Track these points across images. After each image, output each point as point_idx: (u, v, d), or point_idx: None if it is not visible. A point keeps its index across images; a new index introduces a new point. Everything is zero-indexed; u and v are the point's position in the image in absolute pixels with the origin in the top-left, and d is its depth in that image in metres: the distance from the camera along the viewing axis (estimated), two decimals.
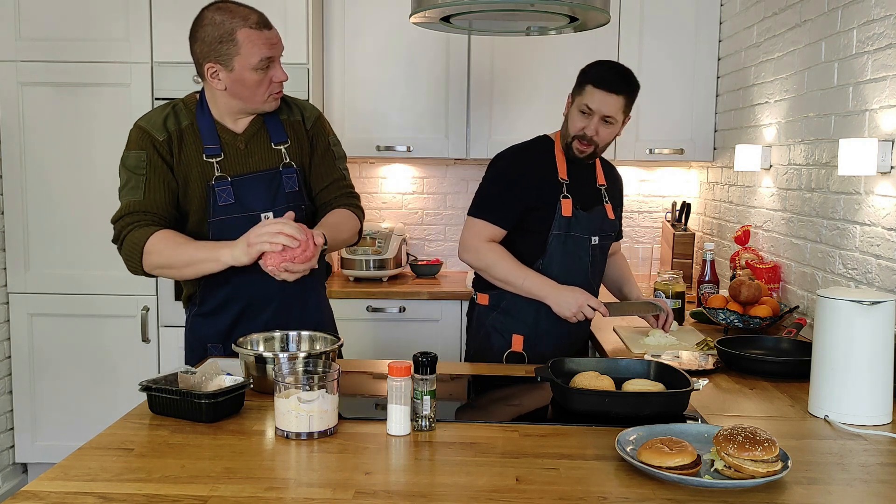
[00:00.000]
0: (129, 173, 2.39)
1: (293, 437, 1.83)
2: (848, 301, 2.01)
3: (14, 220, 3.99)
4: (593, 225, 2.88)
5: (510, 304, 2.88)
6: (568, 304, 2.75)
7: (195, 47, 2.39)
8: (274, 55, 2.38)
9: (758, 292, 3.02)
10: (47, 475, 1.61)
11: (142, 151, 2.38)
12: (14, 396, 4.08)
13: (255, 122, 2.48)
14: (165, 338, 4.03)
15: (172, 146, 2.39)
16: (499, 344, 2.90)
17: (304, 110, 2.58)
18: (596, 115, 2.75)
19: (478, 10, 2.44)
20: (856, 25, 2.76)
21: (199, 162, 2.40)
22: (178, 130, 2.40)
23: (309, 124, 2.57)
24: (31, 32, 3.89)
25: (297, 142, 2.53)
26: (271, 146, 2.48)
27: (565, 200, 2.80)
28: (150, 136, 2.38)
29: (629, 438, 1.78)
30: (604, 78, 2.74)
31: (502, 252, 2.82)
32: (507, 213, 2.83)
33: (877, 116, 2.62)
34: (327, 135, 2.61)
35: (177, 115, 2.43)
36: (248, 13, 2.36)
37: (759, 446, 1.61)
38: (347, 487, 1.57)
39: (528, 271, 2.80)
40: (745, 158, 3.57)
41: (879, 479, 1.67)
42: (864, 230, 2.70)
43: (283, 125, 2.51)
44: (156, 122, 2.41)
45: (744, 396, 2.27)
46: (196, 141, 2.41)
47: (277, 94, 2.44)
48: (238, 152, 2.44)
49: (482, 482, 1.60)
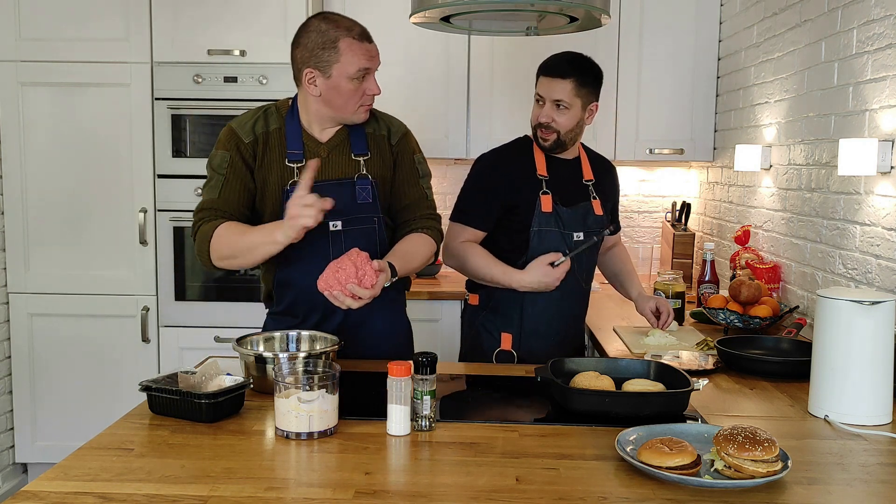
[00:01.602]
0: (213, 172, 2.45)
1: (293, 436, 1.83)
2: (848, 301, 2.01)
3: (14, 220, 3.99)
4: (576, 221, 2.85)
5: (497, 302, 2.88)
6: (530, 280, 2.76)
7: (296, 52, 2.42)
8: (371, 67, 2.41)
9: (758, 292, 3.02)
10: (47, 475, 1.61)
11: (226, 153, 2.44)
12: (14, 396, 4.08)
13: (340, 132, 2.51)
14: (165, 338, 4.03)
15: (257, 149, 2.44)
16: (489, 343, 2.90)
17: (391, 125, 2.60)
18: (547, 101, 2.77)
19: (478, 10, 2.44)
20: (856, 25, 2.76)
21: (280, 165, 2.45)
22: (265, 133, 2.46)
23: (394, 139, 2.58)
24: (31, 32, 3.89)
25: (380, 155, 2.54)
26: (351, 157, 2.50)
27: (545, 196, 2.80)
28: (238, 138, 2.44)
29: (629, 438, 1.78)
30: (548, 64, 2.79)
31: (473, 249, 2.83)
32: (483, 214, 2.84)
33: (877, 116, 2.62)
34: (413, 152, 2.62)
35: (267, 119, 2.48)
36: (352, 25, 2.40)
37: (759, 446, 1.61)
38: (347, 487, 1.57)
39: (494, 263, 2.81)
40: (745, 158, 3.57)
41: (879, 479, 1.67)
42: (864, 230, 2.70)
43: (367, 138, 2.53)
44: (246, 124, 2.46)
45: (744, 396, 2.27)
46: (281, 145, 2.46)
47: (368, 106, 2.47)
48: (319, 159, 2.45)
49: (482, 482, 1.60)
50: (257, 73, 3.88)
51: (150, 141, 3.93)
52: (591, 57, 2.82)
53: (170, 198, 3.96)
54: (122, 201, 3.96)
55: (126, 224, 3.97)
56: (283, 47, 3.88)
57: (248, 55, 3.89)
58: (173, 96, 3.91)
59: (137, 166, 3.94)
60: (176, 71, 3.90)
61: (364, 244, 2.41)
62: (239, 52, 3.87)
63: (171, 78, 3.90)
